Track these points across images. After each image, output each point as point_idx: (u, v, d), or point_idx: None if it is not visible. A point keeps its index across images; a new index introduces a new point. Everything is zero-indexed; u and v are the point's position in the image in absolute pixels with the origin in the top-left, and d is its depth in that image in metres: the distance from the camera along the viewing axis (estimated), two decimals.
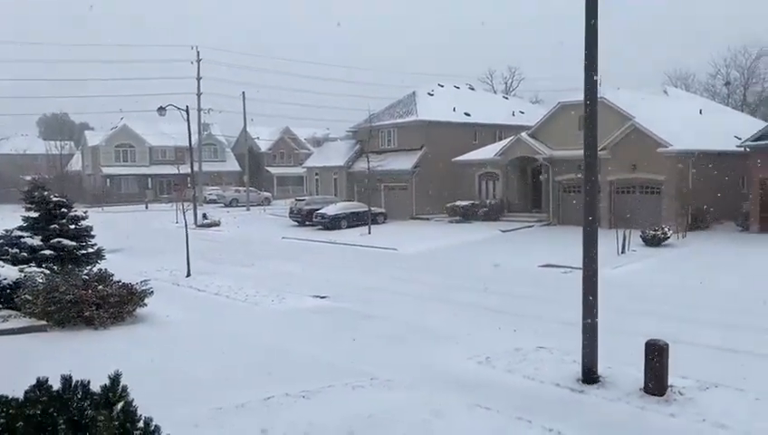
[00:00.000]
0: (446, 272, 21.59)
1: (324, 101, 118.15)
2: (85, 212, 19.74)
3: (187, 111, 40.51)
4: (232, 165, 72.28)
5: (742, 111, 49.11)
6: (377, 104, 46.07)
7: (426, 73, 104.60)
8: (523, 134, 35.28)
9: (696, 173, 28.83)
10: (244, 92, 56.07)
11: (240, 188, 60.57)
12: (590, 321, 9.30)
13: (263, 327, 13.73)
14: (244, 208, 53.05)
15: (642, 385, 8.82)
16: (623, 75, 65.55)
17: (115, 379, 4.43)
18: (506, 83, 72.42)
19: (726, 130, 31.70)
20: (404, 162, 40.07)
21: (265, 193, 62.06)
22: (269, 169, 73.16)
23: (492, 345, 11.43)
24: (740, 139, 28.61)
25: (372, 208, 35.44)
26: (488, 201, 36.56)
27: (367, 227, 33.34)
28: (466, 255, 25.26)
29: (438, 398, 8.78)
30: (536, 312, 14.67)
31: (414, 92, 44.21)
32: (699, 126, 32.07)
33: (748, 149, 27.52)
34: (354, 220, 35.98)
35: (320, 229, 35.86)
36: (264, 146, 74.32)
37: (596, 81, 9.26)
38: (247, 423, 7.96)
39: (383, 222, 37.20)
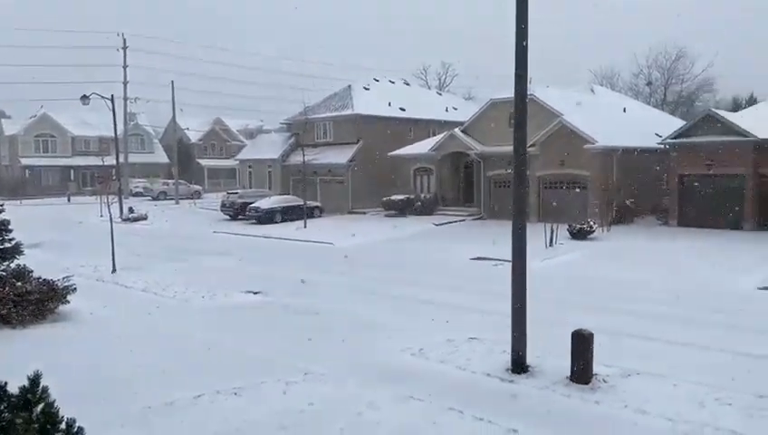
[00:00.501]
0: (381, 266, 21.70)
1: (257, 93, 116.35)
2: (1, 205, 18.70)
3: (112, 100, 39.02)
4: (160, 156, 70.09)
5: (662, 109, 51.46)
6: (313, 97, 45.79)
7: (362, 68, 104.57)
8: (456, 130, 35.83)
9: (620, 169, 30.03)
10: (173, 81, 54.51)
11: (168, 181, 58.84)
12: (519, 312, 9.56)
13: (193, 324, 13.42)
14: (173, 202, 51.61)
15: (569, 374, 9.14)
16: (552, 73, 67.59)
17: (34, 379, 4.22)
18: (440, 79, 73.32)
19: (648, 127, 33.19)
20: (340, 156, 39.97)
21: (196, 186, 60.55)
22: (200, 161, 71.46)
23: (425, 337, 11.58)
24: (661, 136, 29.99)
25: (308, 202, 35.16)
26: (423, 195, 36.95)
27: (302, 221, 33.07)
28: (401, 248, 25.47)
29: (372, 390, 8.83)
30: (469, 304, 14.95)
31: (350, 86, 44.16)
32: (623, 124, 33.44)
33: (668, 147, 28.87)
34: (289, 214, 35.63)
35: (253, 223, 35.31)
36: (194, 137, 72.52)
37: (525, 79, 9.46)
38: (177, 422, 7.78)
39: (319, 216, 37.00)
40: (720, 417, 7.75)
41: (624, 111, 36.85)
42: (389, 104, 42.10)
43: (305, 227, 32.23)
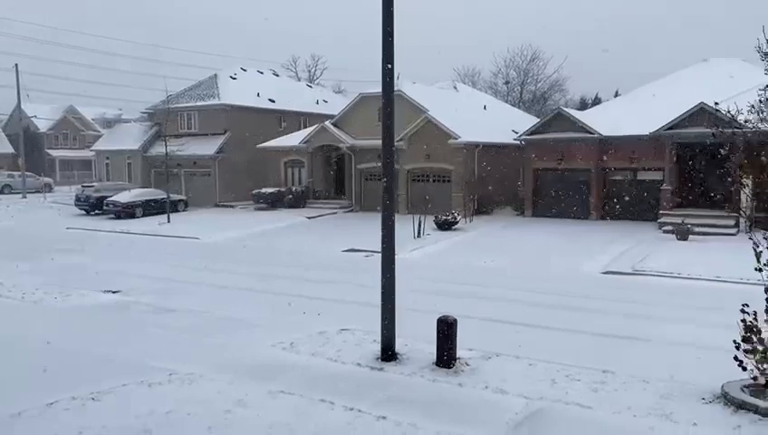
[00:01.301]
0: (250, 260, 21.29)
1: (116, 80, 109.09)
2: None
3: None
4: (4, 146, 63.81)
5: (519, 107, 54.72)
6: (176, 85, 43.75)
7: (229, 57, 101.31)
8: (327, 123, 35.88)
9: (481, 163, 31.61)
10: (17, 65, 49.77)
11: (14, 173, 53.75)
12: (388, 301, 9.79)
13: (44, 327, 12.38)
14: (20, 196, 47.33)
15: (435, 359, 9.51)
16: (418, 70, 69.64)
17: None
18: (310, 71, 72.94)
19: (506, 124, 35.20)
20: (206, 147, 38.60)
21: (46, 179, 55.86)
22: (50, 151, 65.90)
23: (296, 330, 11.53)
24: (517, 132, 31.91)
25: (172, 196, 33.64)
26: (294, 188, 36.66)
27: (165, 215, 31.60)
28: (272, 242, 25.13)
29: (242, 387, 8.66)
30: (340, 295, 15.08)
31: (216, 75, 42.74)
32: (484, 120, 35.22)
33: (523, 142, 30.79)
34: (151, 208, 33.92)
35: (112, 218, 33.28)
36: (43, 126, 66.67)
37: (392, 73, 9.65)
38: (24, 434, 7.17)
39: (184, 210, 35.57)
40: (570, 392, 8.42)
41: (485, 108, 38.76)
42: (258, 95, 41.29)
43: (169, 221, 30.84)
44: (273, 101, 41.76)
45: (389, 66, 9.60)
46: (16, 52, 75.00)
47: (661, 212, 25.73)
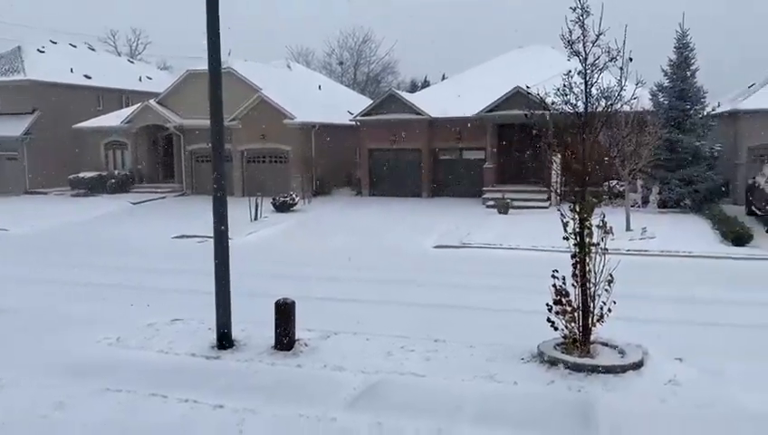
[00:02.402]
0: (68, 251, 19.55)
1: None
2: None
3: None
4: None
5: (353, 88, 55.46)
6: None
7: (36, 28, 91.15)
8: (152, 101, 33.79)
9: (318, 143, 31.64)
10: None
11: None
12: (222, 288, 9.48)
13: None
14: None
15: (274, 343, 9.39)
16: (250, 50, 67.72)
17: None
18: (131, 46, 68.05)
19: (342, 105, 35.52)
20: (11, 128, 34.57)
21: None
22: None
23: (124, 324, 10.78)
24: (352, 113, 32.34)
25: None
26: (117, 172, 34.17)
27: None
28: (93, 231, 23.27)
29: (62, 389, 7.93)
30: (171, 284, 14.37)
31: (19, 47, 38.18)
32: (319, 100, 35.22)
33: (358, 123, 31.29)
34: None
35: None
36: None
37: (218, 44, 9.21)
38: None
39: None
40: (405, 363, 8.75)
41: (319, 88, 38.76)
42: (72, 70, 37.69)
43: None
44: (90, 78, 38.41)
45: (215, 37, 9.16)
46: None
47: (484, 189, 27.57)
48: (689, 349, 9.04)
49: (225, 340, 9.49)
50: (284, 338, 9.29)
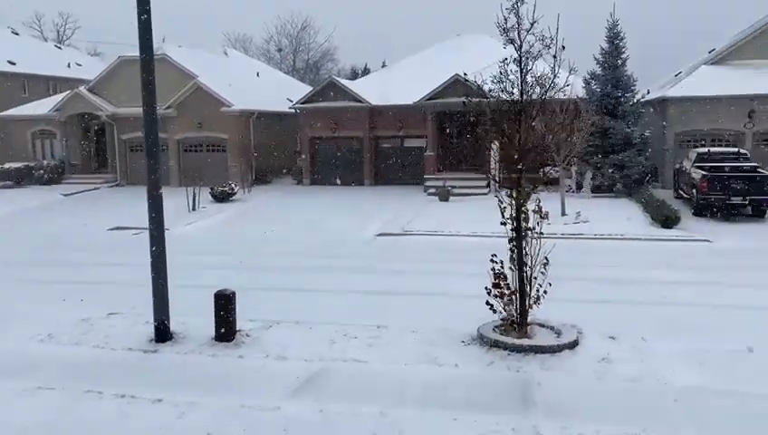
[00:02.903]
0: None
1: None
2: None
3: None
4: None
5: (293, 76, 54.80)
6: None
7: None
8: (82, 88, 32.52)
9: (257, 132, 31.17)
10: None
11: None
12: (159, 280, 9.24)
13: None
14: None
15: (214, 334, 9.24)
16: (186, 36, 65.89)
17: None
18: (58, 31, 65.13)
19: (281, 92, 35.03)
20: None
21: None
22: None
23: (56, 320, 10.37)
24: (292, 101, 31.96)
25: None
26: (46, 163, 32.74)
27: None
28: (22, 224, 22.28)
29: None
30: (107, 277, 13.94)
31: None
32: (258, 88, 34.65)
33: (298, 111, 30.96)
34: None
35: None
36: None
37: (149, 26, 8.87)
38: None
39: None
40: (348, 350, 8.77)
41: (258, 75, 38.15)
42: None
43: None
44: (14, 64, 36.67)
45: (145, 17, 8.84)
46: None
47: (426, 176, 27.81)
48: (621, 328, 9.41)
49: (163, 333, 9.28)
50: (225, 329, 9.16)
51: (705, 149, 22.49)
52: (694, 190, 20.32)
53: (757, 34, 27.99)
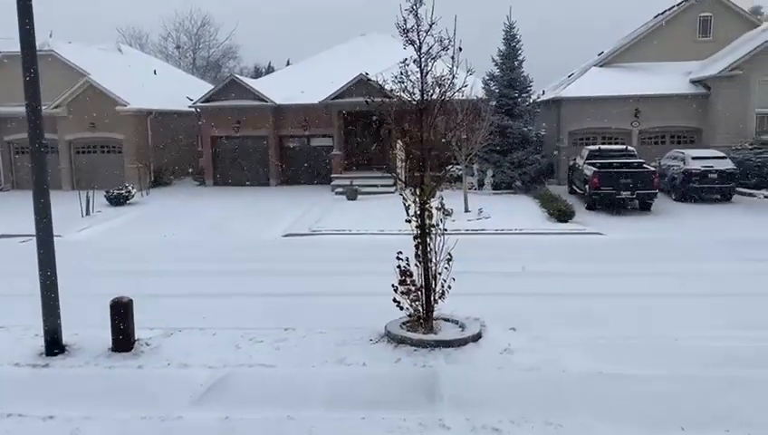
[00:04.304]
0: None
1: None
2: None
3: None
4: None
5: (193, 74, 53.09)
6: None
7: None
8: None
9: (155, 132, 29.98)
10: None
11: None
12: (48, 289, 8.68)
13: None
14: None
15: (111, 345, 8.80)
16: (76, 30, 62.28)
17: None
18: None
19: (181, 90, 33.85)
20: None
21: None
22: None
23: None
24: (192, 99, 30.96)
25: None
26: None
27: None
28: None
29: None
30: None
31: None
32: (155, 86, 33.31)
33: (199, 110, 30.04)
34: None
35: None
36: None
37: (30, 11, 8.32)
38: None
39: None
40: (254, 355, 8.60)
41: (155, 72, 36.68)
42: None
43: None
44: None
45: (28, 13, 8.27)
46: None
47: (333, 175, 27.78)
48: (522, 319, 9.79)
49: (54, 346, 8.72)
50: (122, 339, 8.73)
51: (597, 147, 23.82)
52: (586, 186, 21.46)
53: (641, 39, 30.01)
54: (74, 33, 45.60)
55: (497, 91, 26.02)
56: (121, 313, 8.72)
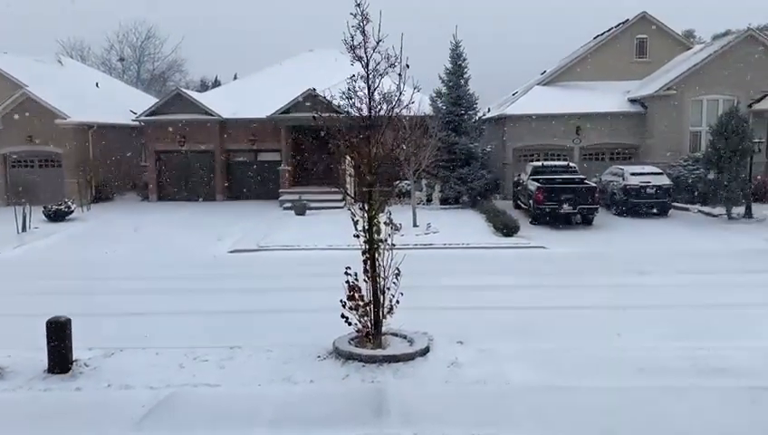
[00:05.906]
0: None
1: None
2: None
3: None
4: None
5: (137, 87, 51.98)
6: None
7: None
8: None
9: (97, 145, 29.16)
10: None
11: None
12: None
13: None
14: None
15: (47, 366, 8.46)
16: (13, 40, 60.08)
17: None
18: None
19: (123, 103, 33.11)
20: None
21: None
22: None
23: None
24: (136, 113, 30.29)
25: None
26: None
27: None
28: None
29: None
30: None
31: None
32: (97, 99, 32.48)
33: (143, 123, 29.40)
34: None
35: None
36: None
37: None
38: None
39: None
40: (198, 374, 8.41)
41: (97, 85, 35.78)
42: None
43: None
44: None
45: None
46: None
47: (281, 190, 27.56)
48: (469, 332, 9.90)
49: None
50: (59, 360, 8.41)
51: (540, 163, 24.42)
52: (531, 201, 21.94)
53: (582, 58, 31.05)
54: (13, 44, 44.05)
55: (444, 108, 26.40)
56: (58, 332, 8.40)
